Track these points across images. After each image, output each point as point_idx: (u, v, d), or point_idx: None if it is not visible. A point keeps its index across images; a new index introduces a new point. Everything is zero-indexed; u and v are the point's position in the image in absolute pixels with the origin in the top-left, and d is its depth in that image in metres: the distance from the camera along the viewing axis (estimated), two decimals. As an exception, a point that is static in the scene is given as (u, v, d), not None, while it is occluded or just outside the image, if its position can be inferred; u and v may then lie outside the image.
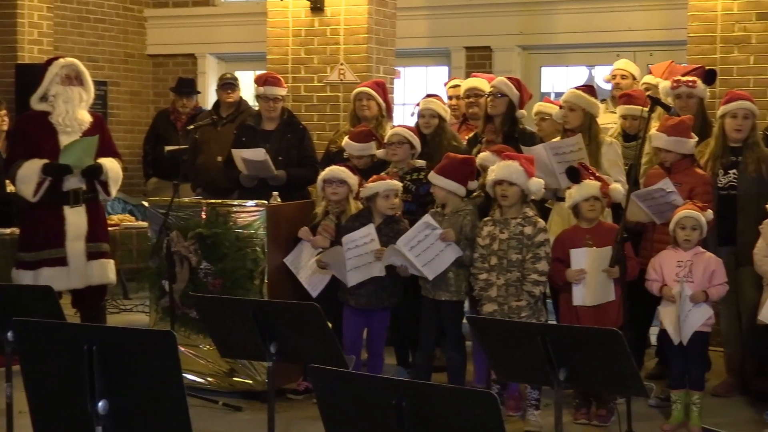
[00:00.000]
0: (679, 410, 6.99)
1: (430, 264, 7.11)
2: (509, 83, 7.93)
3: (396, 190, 7.40)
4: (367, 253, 7.25)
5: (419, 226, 7.14)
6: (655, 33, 11.59)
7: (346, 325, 7.43)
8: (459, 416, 3.58)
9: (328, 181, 7.61)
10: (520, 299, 6.92)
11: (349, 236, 7.28)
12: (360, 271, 7.28)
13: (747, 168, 7.43)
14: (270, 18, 11.03)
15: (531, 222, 6.96)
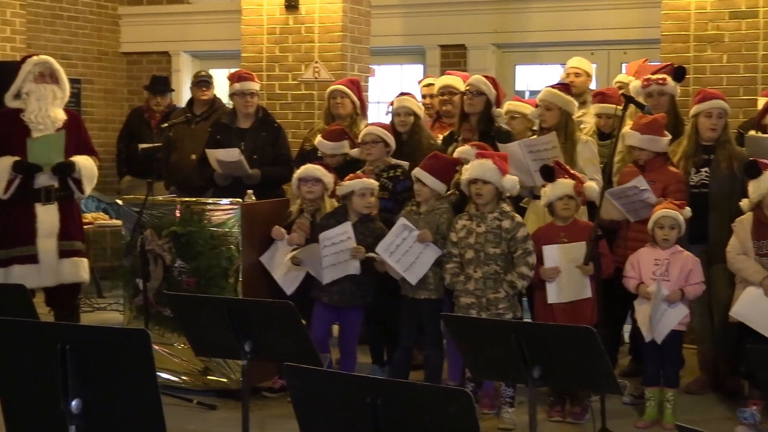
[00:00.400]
0: (652, 407, 7.02)
1: (411, 268, 7.12)
2: (486, 81, 7.94)
3: (372, 188, 7.39)
4: (344, 251, 7.24)
5: (396, 230, 7.14)
6: (629, 31, 11.64)
7: (314, 320, 7.41)
8: (434, 414, 3.58)
9: (303, 179, 7.60)
10: (498, 292, 6.93)
11: (326, 233, 7.27)
12: (336, 269, 7.27)
13: (719, 166, 7.46)
14: (244, 16, 11.01)
15: (508, 216, 6.97)
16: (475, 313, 6.93)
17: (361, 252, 7.22)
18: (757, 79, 9.03)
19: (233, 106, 8.89)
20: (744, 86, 9.05)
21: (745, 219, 6.97)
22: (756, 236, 6.90)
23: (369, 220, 7.40)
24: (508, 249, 6.92)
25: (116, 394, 3.93)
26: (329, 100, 8.69)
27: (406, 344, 7.39)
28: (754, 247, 6.90)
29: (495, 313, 6.91)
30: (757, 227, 6.91)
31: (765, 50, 9.01)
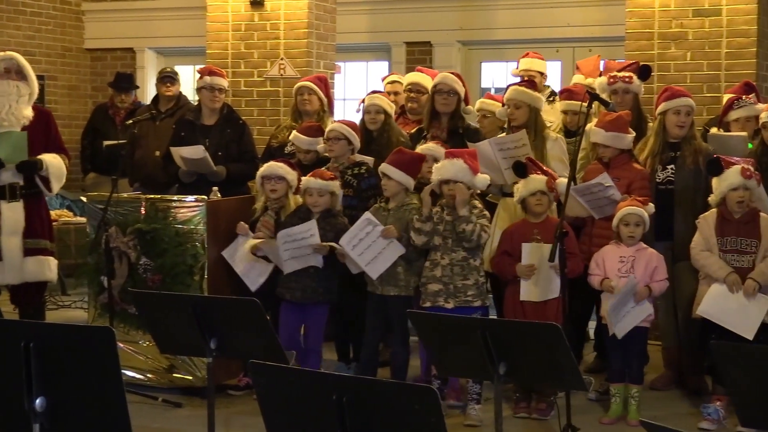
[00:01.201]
0: (617, 404, 7.05)
1: (373, 263, 7.12)
2: (458, 80, 7.96)
3: (322, 189, 7.36)
4: (305, 246, 7.23)
5: (360, 223, 7.14)
6: (593, 29, 11.68)
7: (282, 320, 7.40)
8: (399, 411, 3.58)
9: (266, 177, 7.59)
10: (466, 279, 6.95)
11: (287, 231, 7.26)
12: (297, 261, 7.27)
13: (684, 162, 7.50)
14: (209, 12, 10.97)
15: (477, 208, 7.00)
16: (442, 300, 6.96)
17: (325, 249, 7.22)
18: (720, 76, 9.08)
19: (198, 102, 8.86)
20: (707, 83, 9.10)
21: (709, 215, 7.02)
22: (719, 233, 6.94)
23: (331, 215, 7.39)
24: None
25: (81, 392, 3.91)
26: (296, 97, 8.69)
27: (373, 341, 7.39)
28: (717, 243, 6.93)
29: (463, 300, 6.93)
30: (720, 224, 6.95)
31: (728, 48, 9.07)
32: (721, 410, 6.87)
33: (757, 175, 6.87)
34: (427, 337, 5.48)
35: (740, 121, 7.69)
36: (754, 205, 6.94)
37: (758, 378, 4.38)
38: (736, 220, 6.90)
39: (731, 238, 6.91)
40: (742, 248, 6.89)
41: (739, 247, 6.90)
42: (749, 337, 6.68)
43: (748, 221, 6.90)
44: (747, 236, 6.89)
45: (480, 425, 6.91)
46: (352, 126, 7.95)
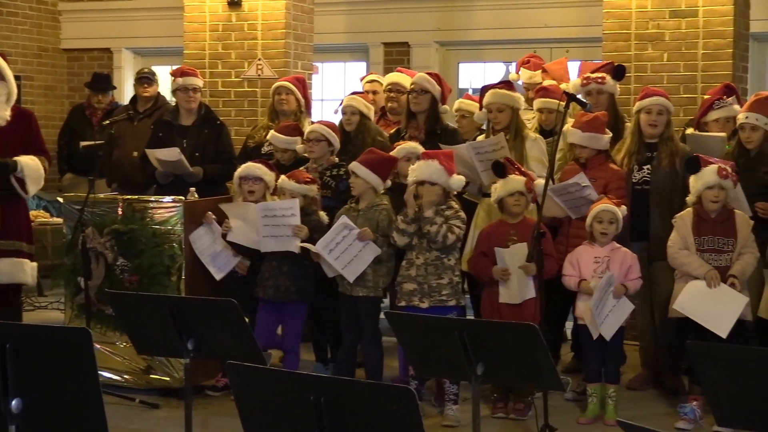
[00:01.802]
0: (594, 403, 7.07)
1: (349, 266, 7.12)
2: (431, 79, 7.95)
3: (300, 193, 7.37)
4: (285, 226, 7.21)
5: (337, 227, 7.14)
6: (571, 30, 11.72)
7: (258, 319, 7.39)
8: (377, 412, 3.58)
9: (244, 178, 7.58)
10: (441, 278, 6.95)
11: (267, 204, 7.27)
12: (275, 241, 7.25)
13: (661, 163, 7.52)
14: (187, 12, 10.95)
15: (453, 208, 7.02)
16: (417, 300, 6.96)
17: (304, 231, 7.20)
18: (697, 77, 9.11)
19: (176, 103, 8.85)
20: (684, 84, 9.13)
21: (686, 215, 7.04)
22: (696, 232, 6.96)
23: (307, 213, 7.37)
24: None
25: (57, 394, 3.90)
26: (274, 97, 8.70)
27: (349, 342, 7.39)
28: (695, 243, 6.96)
29: (438, 299, 6.94)
30: (697, 223, 6.97)
31: (705, 49, 9.10)
32: (697, 410, 6.90)
33: (734, 176, 6.89)
34: (404, 337, 5.47)
35: (719, 121, 7.71)
36: (732, 206, 6.96)
37: (734, 378, 4.39)
38: (712, 219, 6.93)
39: (708, 237, 6.94)
40: (720, 247, 6.92)
41: (717, 246, 6.92)
42: (723, 335, 6.70)
43: (724, 220, 6.93)
44: (724, 235, 6.91)
45: (458, 425, 6.92)
46: (332, 127, 7.94)
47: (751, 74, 10.00)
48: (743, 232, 6.90)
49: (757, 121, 7.31)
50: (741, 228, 6.91)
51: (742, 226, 6.91)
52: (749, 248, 6.90)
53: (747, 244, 6.90)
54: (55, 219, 10.70)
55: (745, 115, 7.37)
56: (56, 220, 10.60)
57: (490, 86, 7.82)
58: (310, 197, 7.43)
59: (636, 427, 3.47)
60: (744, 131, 7.36)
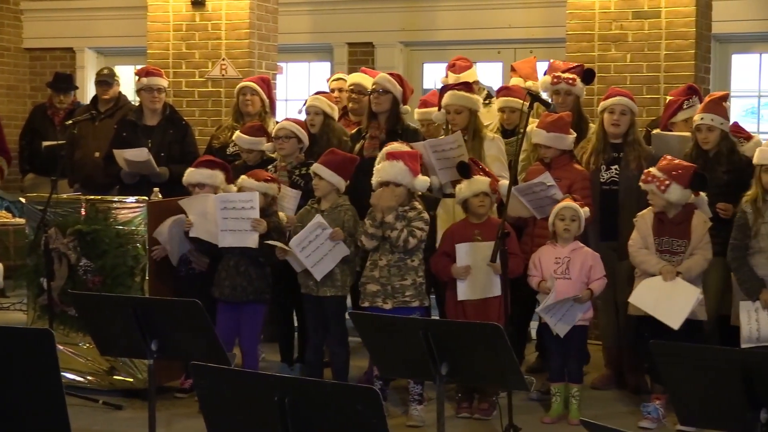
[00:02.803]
0: (558, 403, 7.09)
1: (318, 264, 7.12)
2: (392, 80, 7.95)
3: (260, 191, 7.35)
4: (244, 219, 7.19)
5: (311, 226, 7.13)
6: (535, 30, 11.76)
7: (218, 320, 7.34)
8: (342, 412, 3.58)
9: (189, 185, 7.55)
10: (404, 279, 6.96)
11: (225, 196, 7.25)
12: (233, 236, 7.22)
13: (628, 165, 7.55)
14: (150, 12, 10.90)
15: (416, 209, 7.01)
16: (380, 301, 6.97)
17: (263, 225, 7.17)
18: (659, 78, 9.16)
19: (140, 103, 8.82)
20: (647, 85, 9.18)
21: (647, 214, 7.08)
22: (656, 232, 7.01)
23: (267, 214, 7.34)
24: None
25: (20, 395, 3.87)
26: (238, 97, 8.69)
27: (316, 342, 7.39)
28: (654, 243, 7.00)
29: (401, 300, 6.95)
30: (657, 223, 7.02)
31: (667, 50, 9.15)
32: (660, 409, 6.94)
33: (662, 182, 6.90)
34: (368, 337, 5.48)
35: (689, 122, 7.75)
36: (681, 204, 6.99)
37: (696, 377, 4.42)
38: (669, 220, 6.97)
39: (665, 238, 6.99)
40: (674, 249, 6.96)
41: (671, 247, 6.97)
42: (675, 327, 6.73)
43: (682, 221, 6.96)
44: (679, 237, 6.96)
45: (422, 425, 6.92)
46: (301, 124, 7.96)
47: (713, 75, 10.07)
48: (697, 234, 6.93)
49: (712, 122, 7.35)
50: (696, 229, 6.94)
51: (698, 228, 6.95)
52: (701, 249, 6.93)
53: (699, 246, 6.93)
54: (18, 219, 10.63)
55: (700, 116, 7.41)
56: (18, 220, 10.52)
57: (449, 87, 7.83)
58: (271, 196, 7.40)
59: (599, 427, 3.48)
60: (701, 132, 7.39)
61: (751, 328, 6.83)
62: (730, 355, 4.46)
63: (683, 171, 6.91)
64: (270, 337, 8.38)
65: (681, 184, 6.87)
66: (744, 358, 4.31)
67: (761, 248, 6.85)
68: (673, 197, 6.88)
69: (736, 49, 11.56)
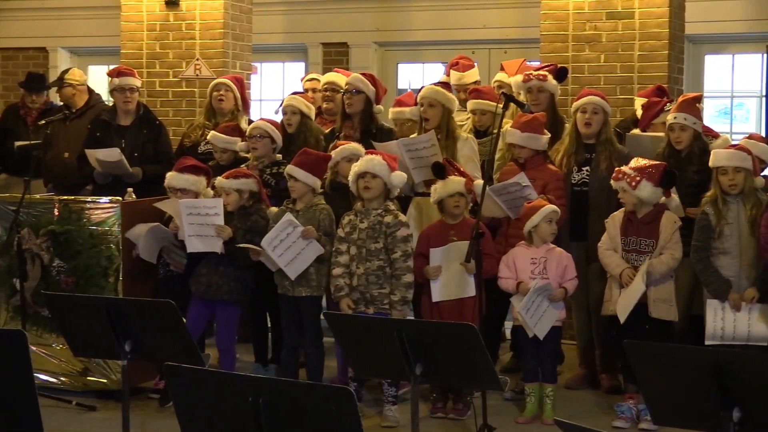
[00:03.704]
0: (533, 403, 7.10)
1: (292, 263, 7.10)
2: (365, 80, 7.96)
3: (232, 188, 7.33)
4: (209, 225, 7.17)
5: (281, 225, 7.12)
6: (509, 31, 11.79)
7: (188, 313, 7.32)
8: (316, 412, 3.58)
9: (171, 188, 7.53)
10: (383, 288, 6.95)
11: (190, 201, 7.23)
12: (201, 241, 7.21)
13: (599, 165, 7.58)
14: (124, 12, 10.87)
15: (392, 213, 7.01)
16: (362, 307, 6.96)
17: (227, 232, 7.15)
18: (633, 78, 9.19)
19: (113, 103, 8.79)
20: (620, 86, 9.20)
21: (617, 215, 7.11)
22: (624, 232, 7.04)
23: (248, 213, 7.33)
24: (387, 244, 6.96)
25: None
26: (212, 93, 8.69)
27: (291, 343, 7.37)
28: (621, 243, 7.03)
29: (381, 308, 6.94)
30: (626, 224, 7.04)
31: (641, 50, 9.18)
32: (634, 408, 6.96)
33: (633, 178, 6.93)
34: (343, 338, 5.48)
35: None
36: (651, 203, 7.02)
37: (670, 376, 4.44)
38: (639, 220, 7.00)
39: (633, 238, 7.01)
40: (641, 248, 6.98)
41: (639, 247, 6.99)
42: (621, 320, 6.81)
43: (650, 221, 6.98)
44: (647, 236, 6.99)
45: (397, 426, 6.93)
46: (275, 124, 7.97)
47: (687, 76, 10.12)
48: (666, 233, 6.95)
49: (685, 121, 7.39)
50: (665, 228, 6.96)
51: (667, 227, 6.97)
52: (670, 248, 6.95)
53: (668, 245, 6.95)
54: (-10, 220, 10.56)
55: (674, 115, 7.44)
56: (-9, 221, 10.46)
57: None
58: (250, 192, 7.37)
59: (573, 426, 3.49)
60: (674, 131, 7.42)
61: (716, 326, 6.89)
62: (703, 354, 4.48)
63: (653, 169, 6.95)
64: (244, 337, 8.36)
65: (651, 182, 6.89)
66: (717, 357, 4.33)
67: (725, 249, 6.89)
68: (643, 194, 6.90)
69: (710, 50, 11.61)
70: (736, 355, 5.04)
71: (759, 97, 11.34)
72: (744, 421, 4.20)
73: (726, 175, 6.87)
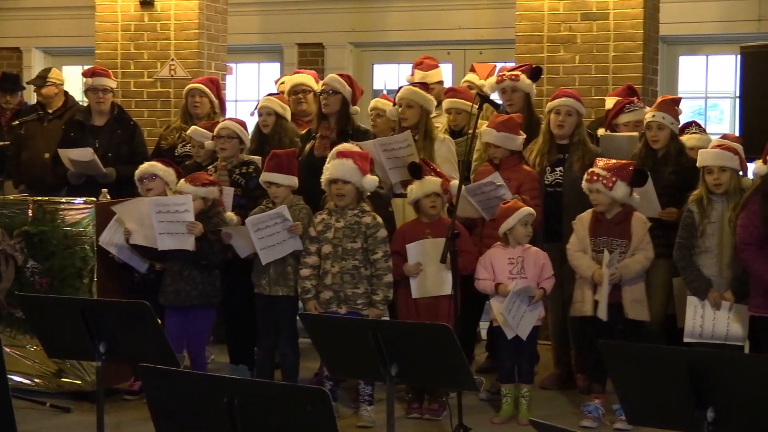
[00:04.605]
0: (508, 403, 7.11)
1: (268, 249, 7.06)
2: (342, 80, 7.95)
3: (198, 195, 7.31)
4: (179, 222, 7.15)
5: (273, 213, 7.07)
6: (484, 32, 11.82)
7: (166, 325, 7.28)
8: (291, 413, 3.58)
9: (140, 179, 7.51)
10: (357, 287, 6.95)
11: (158, 199, 7.20)
12: (171, 238, 7.18)
13: (572, 166, 7.60)
14: (98, 12, 10.84)
15: (369, 214, 7.00)
16: (335, 306, 6.95)
17: (198, 228, 7.13)
18: (607, 79, 9.22)
19: (88, 103, 8.76)
20: (595, 86, 9.24)
21: (585, 216, 7.12)
22: (593, 233, 7.05)
23: (208, 216, 7.31)
24: (366, 245, 6.95)
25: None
26: (187, 99, 8.66)
27: (267, 344, 7.35)
28: (591, 243, 7.05)
29: (354, 307, 6.93)
30: (594, 224, 7.06)
31: (615, 51, 9.21)
32: (600, 408, 6.98)
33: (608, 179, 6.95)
34: (318, 339, 5.47)
35: (629, 125, 7.80)
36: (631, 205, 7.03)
37: (644, 376, 4.46)
38: (608, 220, 7.01)
39: (603, 238, 7.03)
40: (612, 248, 6.99)
41: (610, 247, 7.00)
42: (603, 317, 6.85)
43: (620, 221, 7.00)
44: (618, 236, 7.00)
45: (372, 426, 6.92)
46: (243, 124, 7.93)
47: (661, 77, 10.16)
48: (638, 234, 6.98)
49: (663, 120, 7.40)
50: (636, 229, 6.98)
51: (637, 228, 6.99)
52: (642, 249, 6.97)
53: (640, 246, 6.97)
54: (-37, 221, 10.52)
55: (652, 113, 7.45)
56: (-36, 222, 10.42)
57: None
58: (210, 199, 7.36)
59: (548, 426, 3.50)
60: (651, 130, 7.43)
61: (695, 324, 6.90)
62: (677, 354, 4.50)
63: (625, 168, 6.97)
64: (218, 338, 8.34)
65: (624, 181, 6.92)
66: (691, 357, 4.35)
67: (707, 248, 6.90)
68: (618, 194, 6.92)
69: (684, 51, 11.68)
70: (710, 354, 5.06)
71: (733, 98, 11.40)
72: (718, 420, 4.22)
73: (711, 174, 6.87)
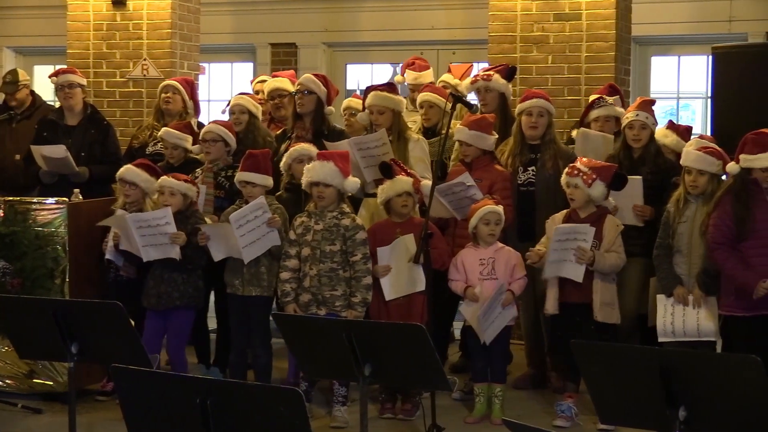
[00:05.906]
0: (482, 403, 7.12)
1: (250, 246, 7.04)
2: (317, 80, 7.94)
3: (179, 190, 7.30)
4: (161, 234, 7.14)
5: (253, 206, 7.06)
6: (457, 32, 11.84)
7: (144, 326, 7.28)
8: (264, 414, 3.58)
9: (122, 180, 7.50)
10: (335, 289, 6.94)
11: (139, 215, 7.19)
12: (155, 249, 7.17)
13: (544, 165, 7.61)
14: (70, 11, 10.79)
15: (349, 216, 7.00)
16: (314, 308, 6.94)
17: (182, 238, 7.13)
18: (580, 80, 9.25)
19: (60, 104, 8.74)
20: (568, 87, 9.26)
21: (558, 216, 7.12)
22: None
23: (186, 216, 7.29)
24: (345, 248, 6.94)
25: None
26: (160, 95, 8.64)
27: (239, 344, 7.34)
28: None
29: (333, 309, 6.92)
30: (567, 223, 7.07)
31: (588, 51, 9.24)
32: (573, 407, 7.00)
33: (588, 175, 6.97)
34: (292, 339, 5.47)
35: (599, 120, 7.82)
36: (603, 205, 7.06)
37: (616, 376, 4.48)
38: (581, 220, 7.02)
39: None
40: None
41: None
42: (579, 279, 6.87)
43: (593, 222, 6.99)
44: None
45: (346, 426, 6.92)
46: (229, 127, 7.91)
47: (633, 77, 10.20)
48: (609, 236, 6.97)
49: (646, 119, 7.42)
50: (608, 231, 6.97)
51: (609, 229, 6.98)
52: (615, 250, 6.98)
53: (612, 249, 6.97)
54: (-66, 221, 10.46)
55: (635, 113, 7.43)
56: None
57: (373, 87, 7.86)
58: (190, 198, 7.35)
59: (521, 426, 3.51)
60: (633, 129, 7.41)
61: (665, 322, 6.91)
62: (648, 354, 4.52)
63: (606, 170, 6.99)
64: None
65: (603, 182, 6.94)
66: (662, 356, 4.37)
67: (678, 247, 6.91)
68: (595, 192, 6.93)
69: (656, 52, 11.73)
70: (680, 354, 5.09)
71: (704, 99, 11.45)
72: (690, 419, 4.25)
73: (690, 175, 6.89)
